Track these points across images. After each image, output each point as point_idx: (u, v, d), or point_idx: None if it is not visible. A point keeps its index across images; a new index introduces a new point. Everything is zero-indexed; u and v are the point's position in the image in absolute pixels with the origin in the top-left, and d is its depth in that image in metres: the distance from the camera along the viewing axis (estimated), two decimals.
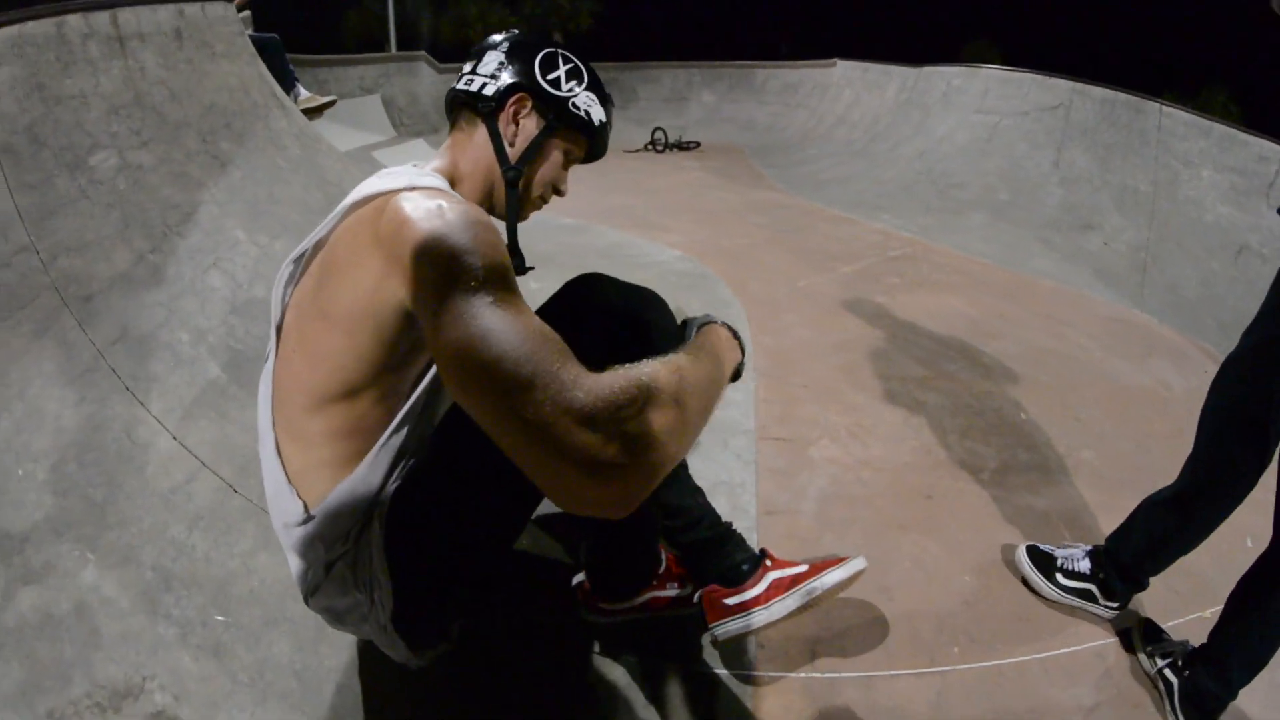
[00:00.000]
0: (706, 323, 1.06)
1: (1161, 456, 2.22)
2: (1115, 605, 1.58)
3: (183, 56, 2.77)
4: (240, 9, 5.24)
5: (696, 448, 2.11)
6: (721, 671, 1.40)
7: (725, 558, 1.35)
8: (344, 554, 1.04)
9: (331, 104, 5.01)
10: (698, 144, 9.92)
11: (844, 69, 10.14)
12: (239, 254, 2.35)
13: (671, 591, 1.45)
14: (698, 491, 1.36)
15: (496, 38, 1.24)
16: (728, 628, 1.32)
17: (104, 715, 1.22)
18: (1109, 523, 1.71)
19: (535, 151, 1.17)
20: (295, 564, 1.07)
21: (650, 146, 9.77)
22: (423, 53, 10.48)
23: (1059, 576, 1.63)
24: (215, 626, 1.39)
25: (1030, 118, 5.49)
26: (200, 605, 1.41)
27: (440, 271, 0.80)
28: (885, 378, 2.72)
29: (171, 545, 1.51)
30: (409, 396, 1.04)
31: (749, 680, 1.39)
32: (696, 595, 1.39)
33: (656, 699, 1.34)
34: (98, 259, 2.01)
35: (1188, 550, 1.50)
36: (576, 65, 1.21)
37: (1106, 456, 2.30)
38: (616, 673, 1.39)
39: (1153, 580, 1.58)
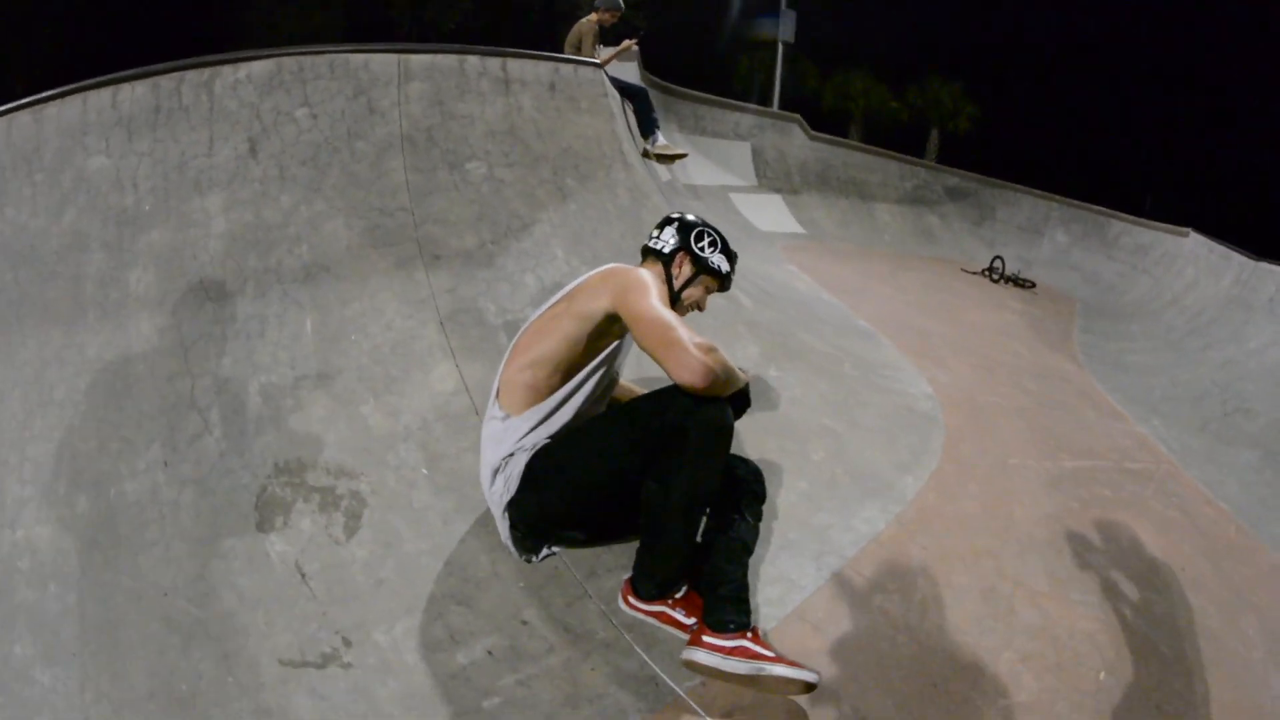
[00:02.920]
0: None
1: None
2: None
3: (553, 105, 3.88)
4: (625, 51, 6.62)
5: (790, 546, 2.61)
6: (671, 685, 1.97)
7: (724, 613, 1.92)
8: (505, 460, 2.00)
9: (682, 156, 6.15)
10: (1033, 284, 9.77)
11: (1194, 243, 9.42)
12: (553, 267, 3.38)
13: (680, 617, 2.04)
14: (743, 567, 2.00)
15: (674, 216, 2.34)
16: (692, 653, 1.89)
17: (328, 476, 2.30)
18: None
19: (686, 285, 2.24)
20: (485, 455, 2.06)
21: (988, 273, 9.89)
22: (798, 115, 11.57)
23: None
24: (419, 473, 2.41)
25: None
26: (417, 460, 2.44)
27: (634, 281, 1.92)
28: (1004, 576, 2.79)
29: (421, 421, 2.56)
30: (568, 384, 2.02)
31: (675, 701, 1.94)
32: (694, 628, 1.98)
33: (615, 666, 2.00)
34: (452, 235, 3.15)
35: None
36: (715, 237, 2.29)
37: None
38: (610, 638, 2.07)
39: None
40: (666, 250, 2.22)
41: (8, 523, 2.10)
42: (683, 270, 2.22)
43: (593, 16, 6.32)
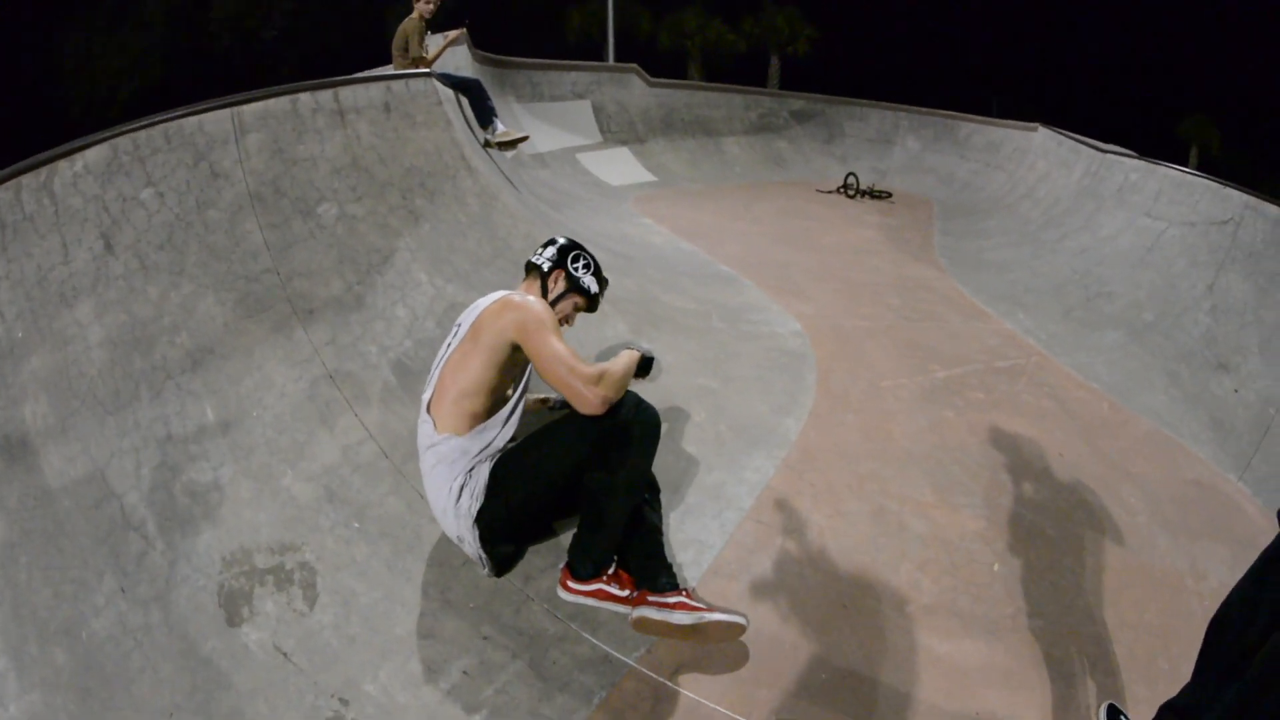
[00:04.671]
0: (627, 348, 2.62)
1: (1116, 648, 2.58)
2: None
3: (390, 126, 4.06)
4: (455, 41, 6.81)
5: (692, 511, 3.04)
6: (622, 659, 2.40)
7: (659, 577, 2.44)
8: (468, 473, 2.39)
9: (524, 139, 6.44)
10: (889, 195, 10.63)
11: (1043, 137, 10.47)
12: (420, 293, 3.66)
13: (616, 591, 2.50)
14: (661, 544, 2.53)
15: (560, 239, 2.81)
16: (641, 611, 2.37)
17: (271, 556, 2.54)
18: (1009, 693, 2.34)
19: (559, 299, 2.70)
20: (438, 478, 2.43)
21: (842, 190, 10.64)
22: (634, 65, 11.95)
23: None
24: (351, 529, 2.70)
25: (1196, 230, 5.54)
26: (346, 516, 2.74)
27: (532, 319, 2.35)
28: (889, 495, 3.24)
29: (338, 478, 2.84)
30: (501, 408, 2.44)
31: (630, 672, 2.37)
32: (630, 598, 2.46)
33: (571, 654, 2.41)
34: (319, 284, 3.35)
35: None
36: (589, 261, 2.77)
37: (1052, 630, 2.62)
38: (560, 632, 2.49)
39: None
40: (546, 267, 2.70)
41: None
42: (557, 285, 2.69)
43: (414, 13, 6.42)
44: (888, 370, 4.48)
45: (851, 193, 10.52)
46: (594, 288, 2.77)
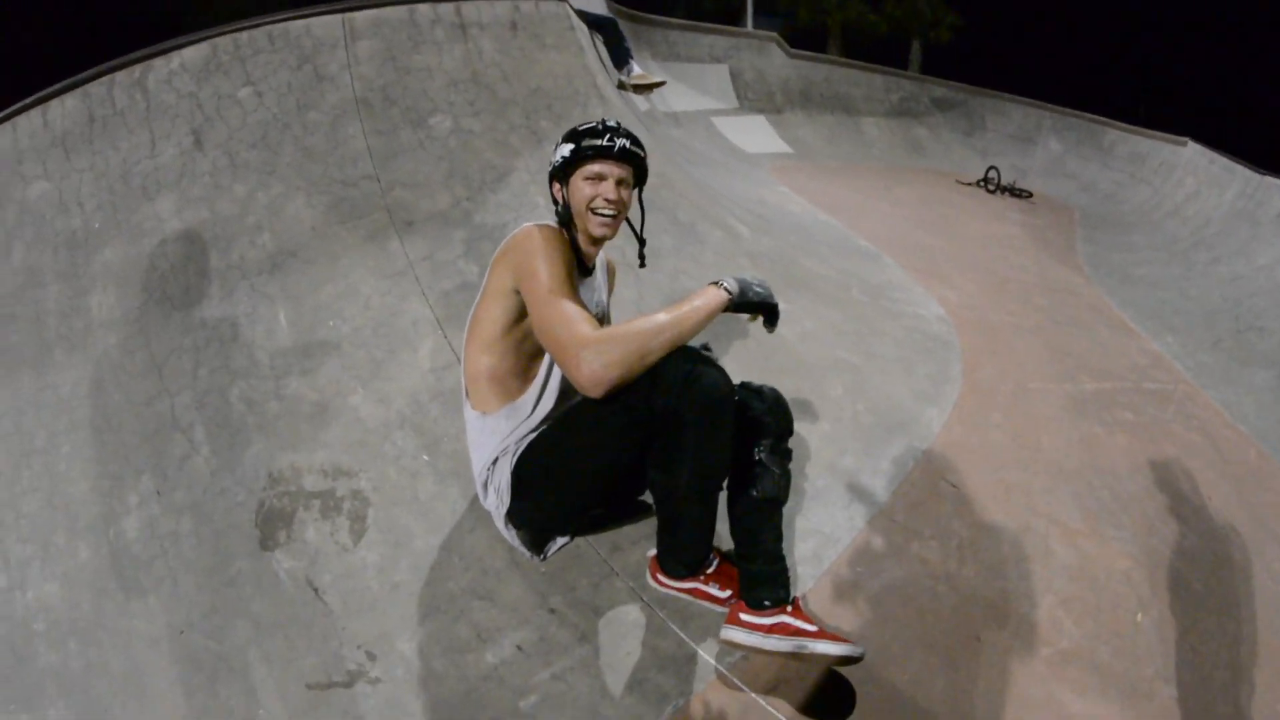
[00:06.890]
0: (715, 282, 1.77)
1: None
2: None
3: (516, 45, 3.68)
4: None
5: (819, 496, 2.55)
6: (711, 662, 1.94)
7: (759, 590, 1.85)
8: (490, 469, 1.93)
9: (660, 84, 5.97)
10: (1030, 194, 9.80)
11: (1193, 152, 9.54)
12: (535, 216, 3.19)
13: (715, 592, 2.00)
14: (773, 533, 1.87)
15: None
16: (730, 632, 1.84)
17: (325, 479, 2.20)
18: None
19: (566, 196, 1.92)
20: (471, 457, 1.98)
21: (983, 183, 9.90)
22: (775, 34, 11.28)
23: None
24: (420, 461, 2.32)
25: None
26: (416, 446, 2.35)
27: (524, 244, 1.77)
28: (1037, 513, 2.78)
29: (414, 402, 2.46)
30: (531, 383, 1.91)
31: (722, 678, 1.91)
32: (730, 601, 1.94)
33: (651, 647, 1.96)
34: (424, 196, 3.01)
35: None
36: (558, 141, 1.95)
37: (1188, 703, 2.19)
38: (642, 618, 2.03)
39: None
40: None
41: (17, 585, 2.06)
42: (560, 193, 1.93)
43: None
44: (1035, 372, 3.97)
45: (992, 188, 9.74)
46: (564, 151, 1.89)
